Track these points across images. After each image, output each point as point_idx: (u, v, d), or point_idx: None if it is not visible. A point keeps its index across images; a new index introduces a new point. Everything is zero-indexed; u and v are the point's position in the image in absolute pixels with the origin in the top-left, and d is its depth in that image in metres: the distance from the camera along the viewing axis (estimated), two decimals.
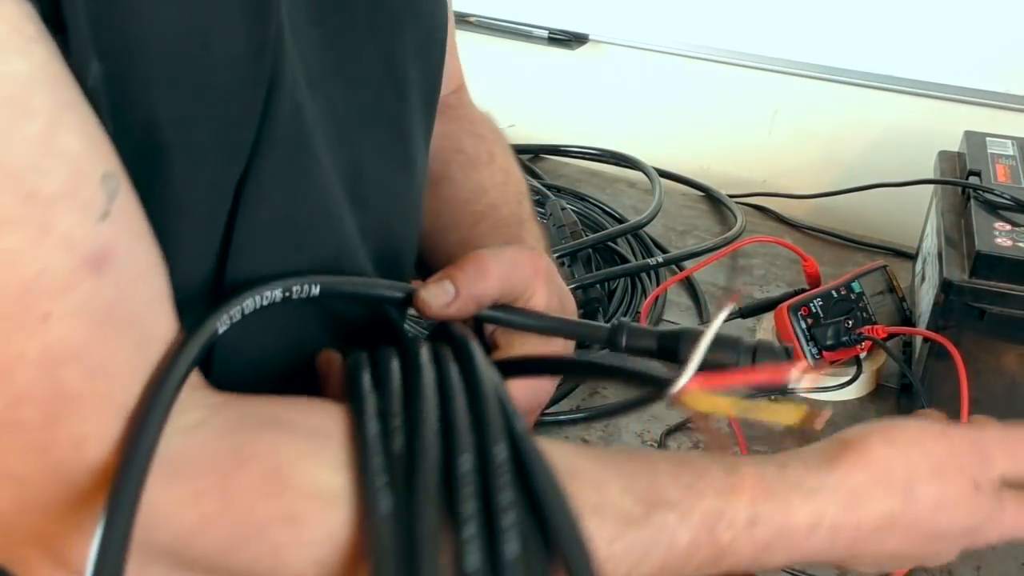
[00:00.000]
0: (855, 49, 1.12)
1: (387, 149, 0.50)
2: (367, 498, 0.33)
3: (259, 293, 0.39)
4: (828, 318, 0.80)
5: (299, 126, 0.40)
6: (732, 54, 1.18)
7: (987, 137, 0.90)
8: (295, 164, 0.41)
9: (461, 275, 0.46)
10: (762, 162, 1.22)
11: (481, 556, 0.32)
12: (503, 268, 0.47)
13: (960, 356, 0.69)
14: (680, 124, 1.24)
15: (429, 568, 0.31)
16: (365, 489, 0.33)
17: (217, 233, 0.38)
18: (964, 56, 1.06)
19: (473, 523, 0.32)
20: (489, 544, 0.32)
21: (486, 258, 0.47)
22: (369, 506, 0.33)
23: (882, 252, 1.06)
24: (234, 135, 0.37)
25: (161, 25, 0.33)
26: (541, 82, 1.31)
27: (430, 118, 0.54)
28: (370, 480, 0.33)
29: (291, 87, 0.39)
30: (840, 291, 0.81)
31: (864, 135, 1.16)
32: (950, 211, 0.81)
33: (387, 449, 0.35)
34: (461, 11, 1.33)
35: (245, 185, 0.39)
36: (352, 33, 0.45)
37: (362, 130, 0.47)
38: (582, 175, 1.20)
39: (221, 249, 0.39)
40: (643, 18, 1.22)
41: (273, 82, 0.38)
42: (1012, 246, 0.71)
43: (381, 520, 0.32)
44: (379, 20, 0.47)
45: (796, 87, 1.17)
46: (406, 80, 0.50)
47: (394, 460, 0.34)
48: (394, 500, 0.33)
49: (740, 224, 1.08)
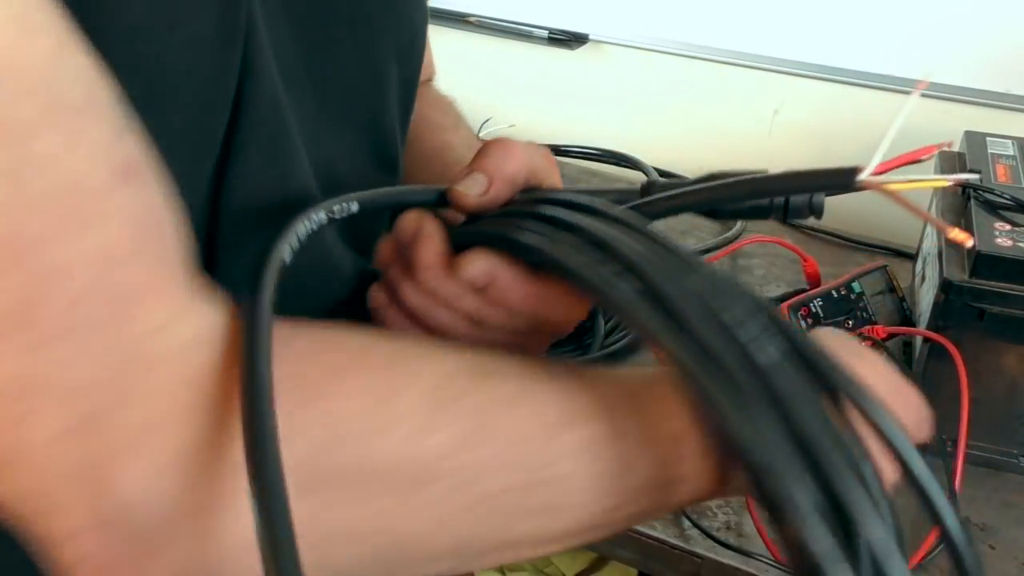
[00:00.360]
0: (855, 49, 1.12)
1: (363, 150, 0.50)
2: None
3: (307, 217, 0.40)
4: (828, 318, 0.80)
5: (278, 119, 0.40)
6: (732, 54, 1.18)
7: (987, 137, 0.90)
8: (275, 156, 0.41)
9: (487, 161, 0.46)
10: (762, 162, 1.21)
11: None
12: (524, 148, 0.47)
13: (960, 356, 0.69)
14: (680, 124, 1.24)
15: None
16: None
17: (196, 221, 0.38)
18: (964, 56, 1.06)
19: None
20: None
21: (506, 141, 0.47)
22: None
23: (882, 252, 1.06)
24: (205, 121, 0.37)
25: (124, 2, 0.33)
26: (541, 82, 1.31)
27: (408, 121, 0.55)
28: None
29: (268, 79, 0.39)
30: (840, 291, 0.81)
31: (864, 135, 1.15)
32: (950, 211, 0.81)
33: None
34: (461, 11, 1.33)
35: (226, 174, 0.39)
36: (327, 34, 0.46)
37: (336, 130, 0.47)
38: (582, 175, 1.20)
39: (202, 237, 0.39)
40: (643, 18, 1.22)
41: (246, 71, 0.38)
42: (1012, 246, 0.71)
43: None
44: (358, 24, 0.47)
45: (796, 87, 1.17)
46: (385, 83, 0.50)
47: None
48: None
49: (739, 225, 1.08)
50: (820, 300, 0.80)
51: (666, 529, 0.68)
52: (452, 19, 1.34)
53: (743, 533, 0.68)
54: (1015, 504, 0.72)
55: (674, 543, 0.67)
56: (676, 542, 0.67)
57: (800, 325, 0.79)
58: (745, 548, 0.66)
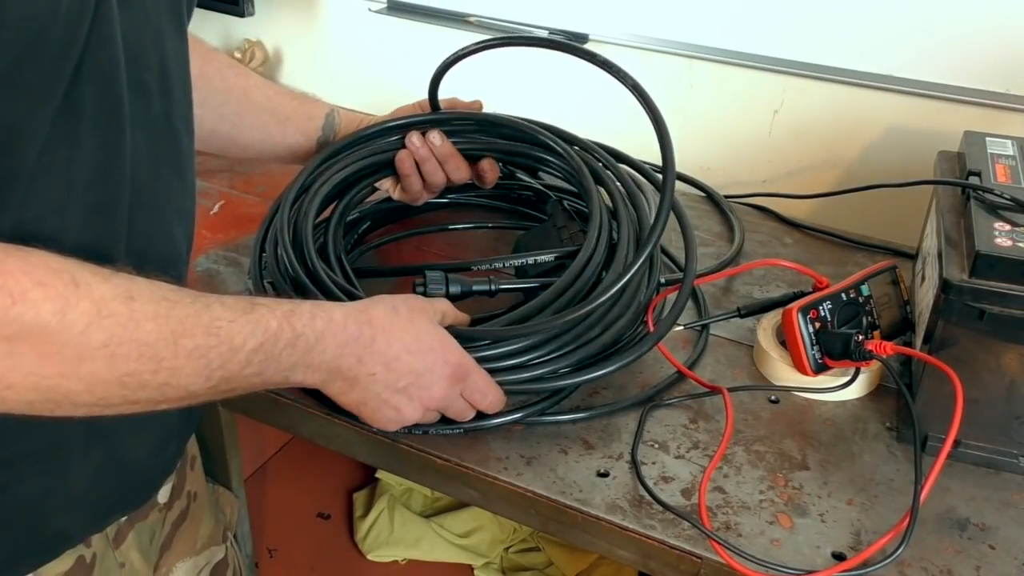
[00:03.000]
0: (855, 49, 1.12)
1: (162, 149, 0.62)
2: None
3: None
4: (836, 324, 0.79)
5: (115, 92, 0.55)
6: (732, 54, 1.18)
7: (987, 137, 0.90)
8: (108, 139, 0.55)
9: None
10: (762, 162, 1.22)
11: None
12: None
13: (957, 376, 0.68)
14: (680, 124, 1.24)
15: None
16: None
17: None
18: (964, 56, 1.06)
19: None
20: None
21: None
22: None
23: (882, 252, 1.06)
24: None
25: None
26: (541, 82, 1.31)
27: (192, 120, 0.68)
28: None
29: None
30: (849, 293, 0.81)
31: (864, 135, 1.16)
32: (950, 211, 0.81)
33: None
34: (461, 11, 1.33)
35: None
36: (137, 31, 0.57)
37: (137, 129, 0.59)
38: None
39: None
40: (643, 18, 1.22)
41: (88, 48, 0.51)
42: (1012, 246, 0.71)
43: None
44: (151, 22, 0.59)
45: (796, 87, 1.17)
46: (171, 80, 0.62)
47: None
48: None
49: (740, 228, 1.08)
50: (829, 303, 0.79)
51: (666, 529, 0.68)
52: (452, 19, 1.34)
53: (743, 533, 0.68)
54: (1015, 504, 0.72)
55: (674, 543, 0.67)
56: (676, 542, 0.67)
57: (807, 329, 0.78)
58: (745, 548, 0.66)
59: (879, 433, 0.79)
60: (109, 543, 0.69)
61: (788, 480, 0.73)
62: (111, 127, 0.56)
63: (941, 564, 0.66)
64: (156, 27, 0.60)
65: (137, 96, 0.58)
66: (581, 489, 0.71)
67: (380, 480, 1.50)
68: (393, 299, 0.69)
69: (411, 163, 0.92)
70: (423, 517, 1.47)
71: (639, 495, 0.71)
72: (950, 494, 0.73)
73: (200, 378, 0.55)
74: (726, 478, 0.73)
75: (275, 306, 0.60)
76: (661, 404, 0.81)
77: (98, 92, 0.54)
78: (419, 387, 0.67)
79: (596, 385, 0.82)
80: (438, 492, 1.47)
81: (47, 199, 0.53)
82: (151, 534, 0.75)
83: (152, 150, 0.61)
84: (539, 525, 0.73)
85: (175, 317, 0.53)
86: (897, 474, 0.74)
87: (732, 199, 1.16)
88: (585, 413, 0.79)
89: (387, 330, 0.65)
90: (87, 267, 0.50)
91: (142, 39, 0.58)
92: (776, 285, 0.99)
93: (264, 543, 1.42)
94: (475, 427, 0.75)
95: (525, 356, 0.74)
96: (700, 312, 0.94)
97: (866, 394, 0.83)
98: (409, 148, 0.91)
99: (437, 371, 0.67)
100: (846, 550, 0.67)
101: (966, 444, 0.75)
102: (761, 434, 0.78)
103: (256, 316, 0.58)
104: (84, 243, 0.55)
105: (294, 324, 0.60)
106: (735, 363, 0.87)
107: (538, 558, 1.44)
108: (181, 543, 0.79)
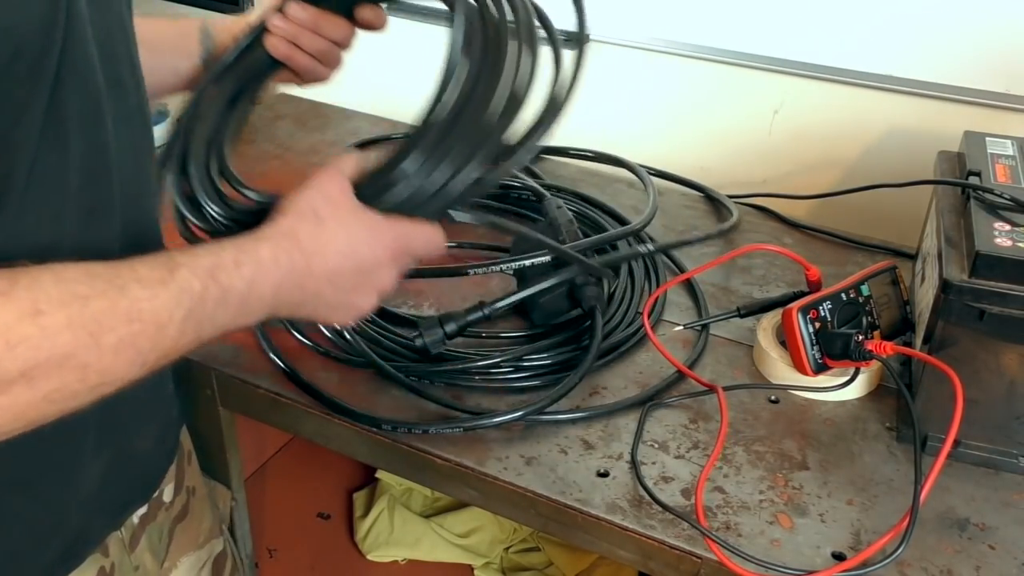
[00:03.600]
0: (855, 49, 1.12)
1: (140, 141, 0.62)
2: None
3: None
4: (836, 324, 0.79)
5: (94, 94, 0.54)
6: (732, 54, 1.18)
7: (987, 137, 0.90)
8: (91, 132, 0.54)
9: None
10: (762, 162, 1.22)
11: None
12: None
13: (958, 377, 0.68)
14: (680, 124, 1.24)
15: None
16: None
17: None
18: (964, 56, 1.06)
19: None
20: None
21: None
22: None
23: (882, 252, 1.06)
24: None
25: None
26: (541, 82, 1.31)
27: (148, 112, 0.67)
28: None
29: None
30: (850, 293, 0.81)
31: (864, 135, 1.16)
32: (950, 211, 0.81)
33: None
34: None
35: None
36: (107, 25, 0.57)
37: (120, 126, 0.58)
38: (581, 175, 1.20)
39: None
40: (643, 18, 1.22)
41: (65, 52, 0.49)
42: (1012, 246, 0.71)
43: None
44: (114, 11, 0.58)
45: (796, 87, 1.17)
46: (139, 69, 0.62)
47: None
48: None
49: (735, 217, 1.08)
50: (829, 303, 0.79)
51: (666, 529, 0.68)
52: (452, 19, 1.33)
53: (743, 533, 0.68)
54: (1015, 504, 0.72)
55: (674, 543, 0.67)
56: (676, 542, 0.67)
57: (808, 329, 0.78)
58: (745, 548, 0.66)
59: (879, 433, 0.79)
60: (125, 548, 0.71)
61: (788, 480, 0.73)
62: (95, 126, 0.55)
63: (941, 564, 0.66)
64: (119, 16, 0.59)
65: (114, 91, 0.57)
66: (581, 489, 0.71)
67: (380, 480, 1.50)
68: (311, 200, 0.63)
69: (286, 45, 0.85)
70: (423, 517, 1.47)
71: (639, 495, 0.71)
72: (950, 494, 0.73)
73: (134, 367, 0.52)
74: (726, 478, 0.73)
75: (195, 263, 0.55)
76: (661, 404, 0.81)
77: (79, 93, 0.53)
78: (368, 283, 0.65)
79: (596, 385, 0.82)
80: (438, 492, 1.47)
81: (43, 207, 0.52)
82: (159, 533, 0.76)
83: (132, 143, 0.60)
84: (539, 525, 0.73)
85: (90, 316, 0.49)
86: (897, 474, 0.74)
87: (732, 199, 1.16)
88: (585, 413, 0.79)
89: (319, 248, 0.61)
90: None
91: (112, 33, 0.57)
92: (776, 285, 0.99)
93: (264, 543, 1.42)
94: (475, 427, 0.76)
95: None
96: (700, 312, 0.94)
97: (866, 394, 0.83)
98: (274, 32, 0.84)
99: (379, 259, 0.65)
100: (846, 550, 0.67)
101: (966, 444, 0.75)
102: (761, 434, 0.78)
103: (177, 284, 0.53)
104: (82, 246, 0.54)
105: (220, 279, 0.55)
106: (735, 363, 0.87)
107: (538, 558, 1.44)
108: (184, 538, 0.80)
